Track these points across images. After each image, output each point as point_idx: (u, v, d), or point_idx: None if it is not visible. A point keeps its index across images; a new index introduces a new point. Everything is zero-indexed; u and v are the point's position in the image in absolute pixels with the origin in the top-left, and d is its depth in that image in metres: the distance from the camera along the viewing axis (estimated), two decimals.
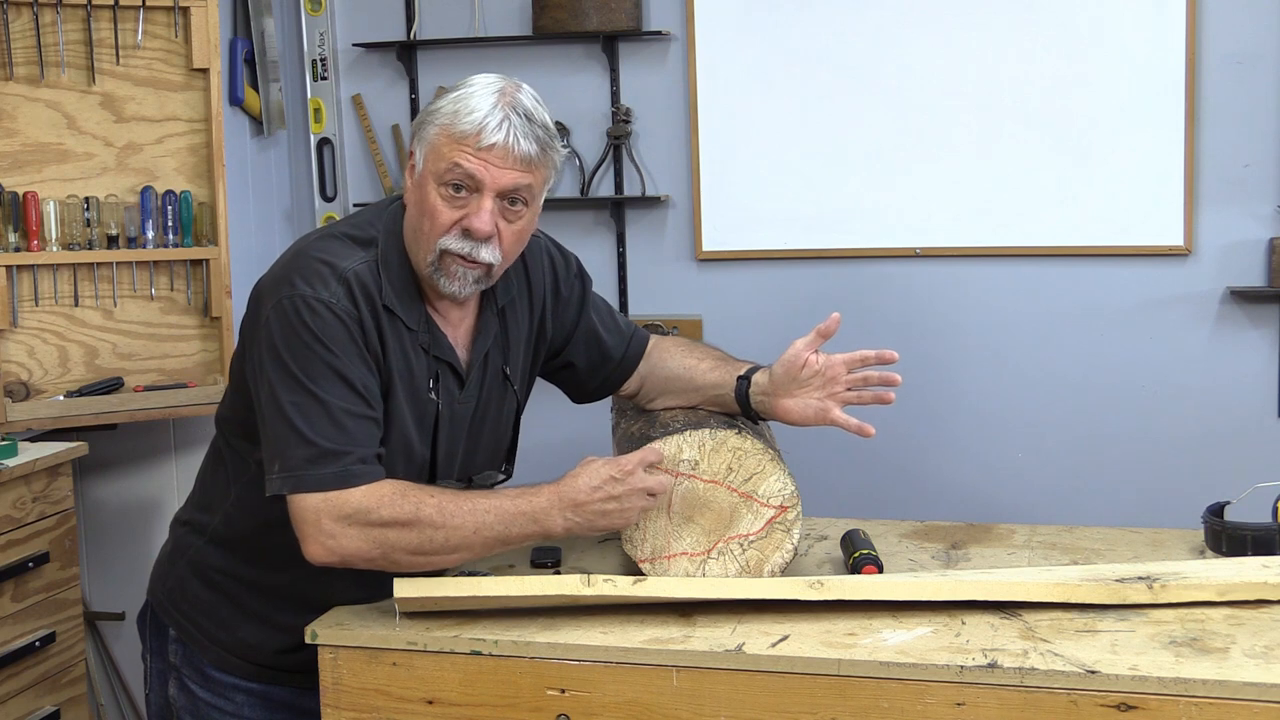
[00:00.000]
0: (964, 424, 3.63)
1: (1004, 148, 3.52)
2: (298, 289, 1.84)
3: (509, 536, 1.86)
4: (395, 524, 1.81)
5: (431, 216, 1.87)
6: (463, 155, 1.84)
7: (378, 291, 1.89)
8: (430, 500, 1.84)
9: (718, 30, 3.66)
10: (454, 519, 1.83)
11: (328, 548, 1.82)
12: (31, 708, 2.90)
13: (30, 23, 3.11)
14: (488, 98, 1.86)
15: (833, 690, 1.71)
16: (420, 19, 3.88)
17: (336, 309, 1.84)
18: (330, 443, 1.81)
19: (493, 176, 1.85)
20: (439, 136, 1.87)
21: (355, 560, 1.84)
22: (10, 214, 3.07)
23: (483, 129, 1.84)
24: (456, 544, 1.84)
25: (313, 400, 1.82)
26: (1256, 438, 3.43)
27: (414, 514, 1.82)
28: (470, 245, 1.88)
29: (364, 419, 1.84)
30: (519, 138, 1.85)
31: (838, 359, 2.04)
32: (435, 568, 1.89)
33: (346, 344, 1.84)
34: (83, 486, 3.44)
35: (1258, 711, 1.59)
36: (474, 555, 1.87)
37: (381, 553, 1.83)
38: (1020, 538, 2.23)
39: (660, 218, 3.79)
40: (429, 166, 1.88)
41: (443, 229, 1.87)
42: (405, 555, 1.84)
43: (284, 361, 1.83)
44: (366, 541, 1.82)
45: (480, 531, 1.84)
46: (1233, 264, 3.43)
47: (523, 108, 1.87)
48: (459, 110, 1.86)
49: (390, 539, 1.82)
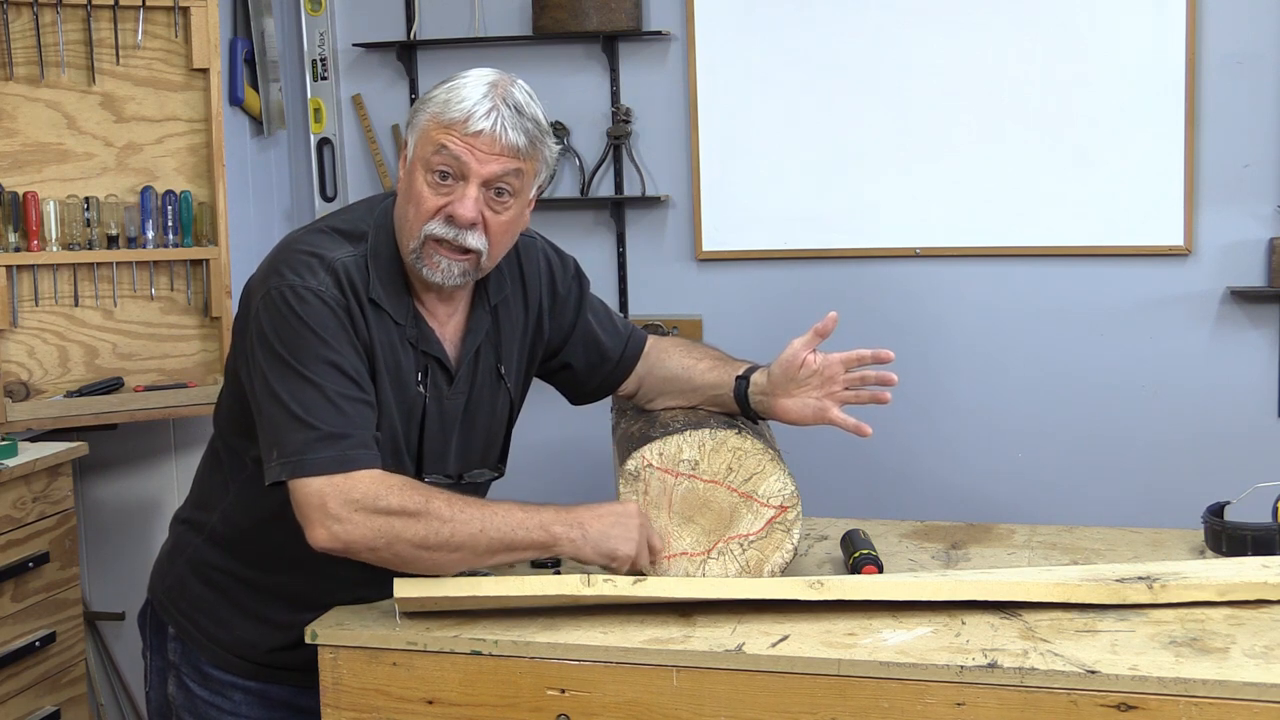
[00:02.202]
0: (964, 424, 3.63)
1: (1004, 148, 3.52)
2: (286, 279, 1.85)
3: (514, 542, 1.84)
4: (403, 513, 1.80)
5: (417, 202, 1.88)
6: (449, 139, 1.85)
7: (364, 285, 1.89)
8: (440, 494, 1.84)
9: (718, 30, 3.66)
10: (462, 514, 1.82)
11: (333, 533, 1.79)
12: (31, 708, 2.89)
13: (30, 23, 3.11)
14: (479, 88, 1.88)
15: (833, 690, 1.71)
16: (420, 19, 3.88)
17: (325, 297, 1.84)
18: (328, 426, 1.80)
19: (478, 162, 1.86)
20: (429, 123, 1.88)
21: (358, 547, 1.81)
22: (10, 214, 3.07)
23: (470, 115, 1.85)
24: (461, 541, 1.82)
25: (307, 385, 1.81)
26: (1256, 438, 3.43)
27: (423, 505, 1.81)
28: (455, 231, 1.88)
29: (359, 402, 1.84)
30: (507, 128, 1.86)
31: (835, 358, 2.05)
32: (434, 568, 1.86)
33: (336, 330, 1.84)
34: (83, 486, 3.44)
35: (1258, 711, 1.59)
36: (476, 557, 1.85)
37: (386, 542, 1.81)
38: (1020, 538, 2.23)
39: (660, 218, 3.79)
40: (417, 153, 1.89)
41: (427, 214, 1.88)
42: (409, 547, 1.81)
43: (275, 350, 1.83)
44: (372, 529, 1.79)
45: (486, 531, 1.83)
46: (1233, 264, 3.43)
47: (514, 100, 1.88)
48: (450, 99, 1.87)
49: (396, 528, 1.80)
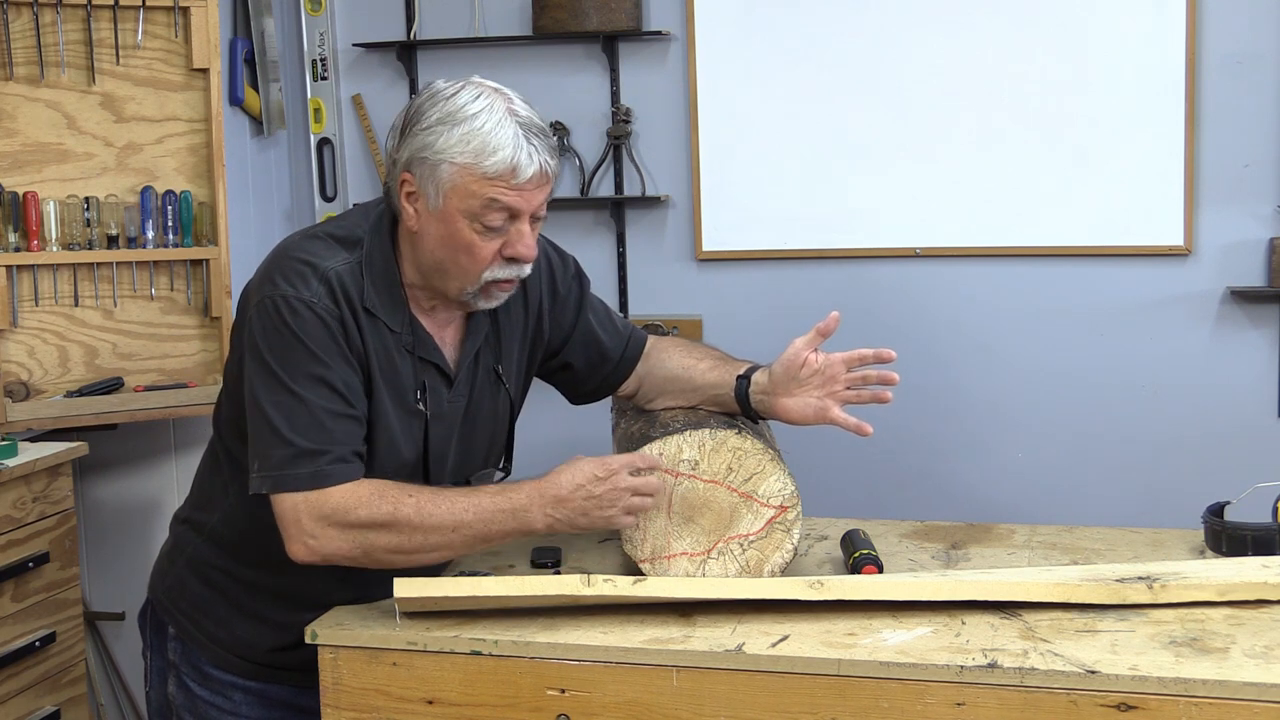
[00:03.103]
0: (964, 424, 3.63)
1: (1004, 148, 3.51)
2: (279, 289, 1.85)
3: (489, 534, 1.86)
4: (373, 525, 1.82)
5: (470, 253, 1.87)
6: (499, 192, 1.83)
7: (359, 293, 1.89)
8: (408, 500, 1.84)
9: (718, 30, 3.66)
10: (431, 519, 1.83)
11: (309, 547, 1.83)
12: (31, 708, 2.89)
13: (30, 23, 3.10)
14: (506, 128, 1.83)
15: (833, 690, 1.71)
16: (420, 19, 3.88)
17: (317, 308, 1.84)
18: (308, 442, 1.82)
19: (529, 202, 1.86)
20: (464, 177, 1.83)
21: (337, 559, 1.85)
22: (10, 214, 3.07)
23: (516, 166, 1.82)
24: (436, 543, 1.84)
25: (292, 399, 1.82)
26: (1256, 438, 3.43)
27: (391, 515, 1.82)
28: (516, 269, 1.90)
29: (344, 417, 1.85)
30: (547, 160, 1.86)
31: (837, 358, 2.05)
32: (422, 564, 1.89)
33: (327, 343, 1.84)
34: (83, 486, 3.44)
35: (1258, 711, 1.59)
36: (456, 553, 1.88)
37: (363, 552, 1.84)
38: (1020, 538, 2.22)
39: (660, 218, 3.79)
40: (455, 205, 1.85)
41: (485, 263, 1.88)
42: (386, 554, 1.85)
43: (265, 361, 1.84)
44: (346, 542, 1.83)
45: (460, 530, 1.84)
46: (1233, 264, 3.43)
47: (533, 124, 1.86)
48: (482, 149, 1.82)
49: (370, 540, 1.83)
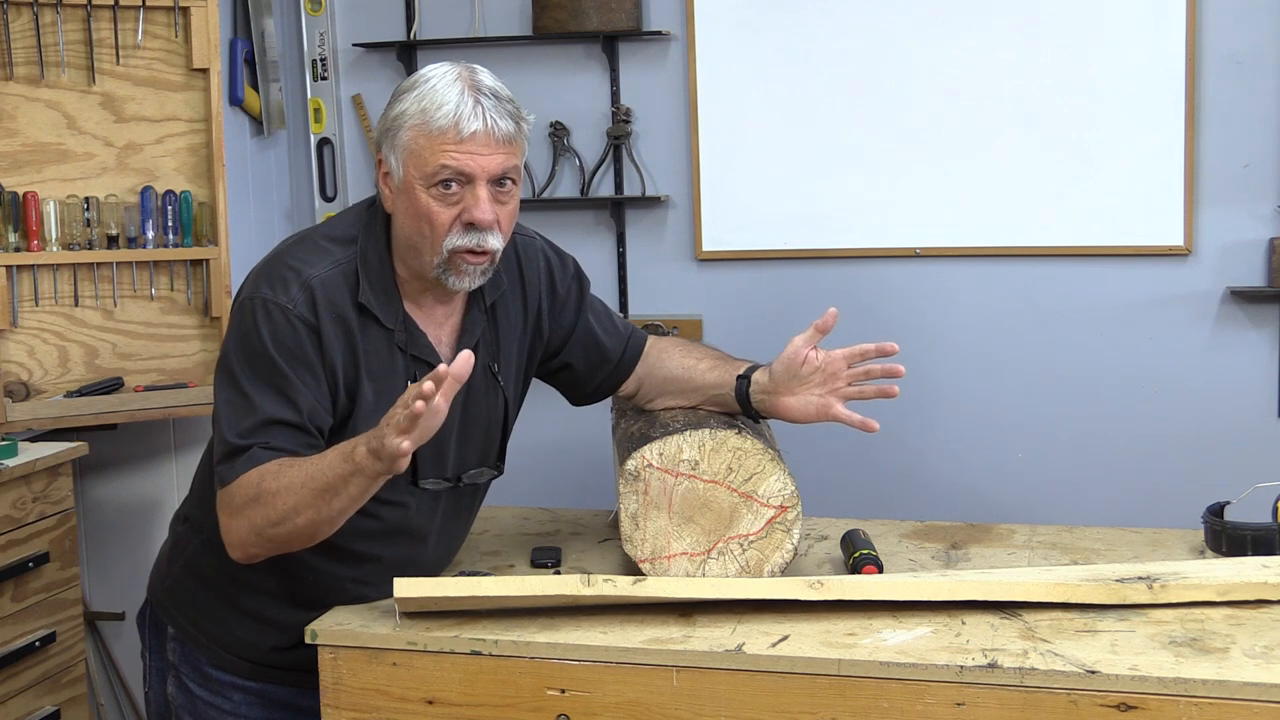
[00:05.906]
0: (964, 424, 3.62)
1: (1004, 148, 3.51)
2: (259, 292, 1.87)
3: (331, 480, 1.75)
4: (250, 502, 1.79)
5: (429, 220, 1.87)
6: (446, 153, 1.84)
7: (352, 292, 1.89)
8: (270, 469, 1.79)
9: (718, 30, 3.66)
10: (284, 479, 1.78)
11: (229, 543, 1.84)
12: (31, 708, 2.89)
13: (30, 23, 3.10)
14: (452, 87, 1.85)
15: (833, 690, 1.71)
16: (420, 19, 3.88)
17: (291, 315, 1.85)
18: (241, 440, 1.81)
19: (481, 165, 1.85)
20: (415, 139, 1.85)
21: (250, 548, 1.83)
22: (10, 214, 3.07)
23: (459, 120, 1.83)
24: (295, 504, 1.76)
25: (243, 399, 1.83)
26: (1256, 438, 3.42)
27: (256, 489, 1.79)
28: (476, 236, 1.87)
29: (287, 426, 1.83)
30: (495, 119, 1.85)
31: (838, 354, 2.04)
32: (307, 536, 1.81)
33: (295, 350, 1.84)
34: (83, 486, 3.44)
35: (1258, 711, 1.59)
36: (317, 513, 1.77)
37: (255, 534, 1.80)
38: (1020, 538, 2.23)
39: (660, 218, 3.79)
40: (412, 172, 1.87)
41: (444, 230, 1.87)
42: (271, 529, 1.79)
43: (230, 360, 1.86)
44: (243, 528, 1.81)
45: (308, 484, 1.76)
46: (1233, 264, 3.42)
47: (487, 87, 1.87)
48: (426, 108, 1.85)
49: (254, 519, 1.79)
